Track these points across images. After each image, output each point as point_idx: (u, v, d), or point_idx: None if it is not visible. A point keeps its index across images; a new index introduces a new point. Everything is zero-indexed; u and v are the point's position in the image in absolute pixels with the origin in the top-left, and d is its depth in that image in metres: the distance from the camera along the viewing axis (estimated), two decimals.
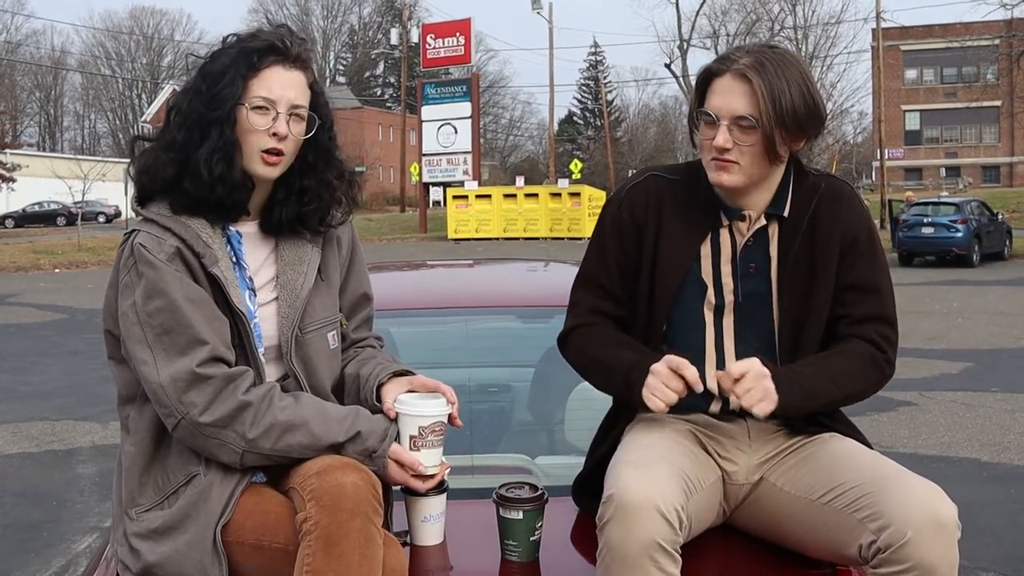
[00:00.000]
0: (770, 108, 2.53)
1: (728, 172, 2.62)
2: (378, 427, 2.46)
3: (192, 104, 2.52)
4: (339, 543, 2.21)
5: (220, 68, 2.52)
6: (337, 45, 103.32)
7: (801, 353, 2.66)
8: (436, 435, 2.52)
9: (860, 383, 2.66)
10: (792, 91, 2.54)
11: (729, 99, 2.58)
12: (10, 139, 58.67)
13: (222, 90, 2.49)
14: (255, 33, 2.59)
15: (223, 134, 2.49)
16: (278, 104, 2.53)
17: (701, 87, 2.66)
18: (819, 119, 2.63)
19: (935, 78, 75.96)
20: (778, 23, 76.32)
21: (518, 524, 2.56)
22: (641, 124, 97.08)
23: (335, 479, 2.27)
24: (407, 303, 3.99)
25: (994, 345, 14.67)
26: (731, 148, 2.58)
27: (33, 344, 16.07)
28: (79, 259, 34.77)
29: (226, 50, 2.55)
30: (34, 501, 7.49)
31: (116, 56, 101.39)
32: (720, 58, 2.65)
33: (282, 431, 2.40)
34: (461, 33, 49.35)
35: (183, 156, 2.49)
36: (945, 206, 31.80)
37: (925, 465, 7.72)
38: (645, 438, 2.61)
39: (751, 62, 2.56)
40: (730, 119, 2.57)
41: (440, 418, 2.53)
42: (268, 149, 2.52)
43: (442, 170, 47.46)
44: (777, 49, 2.64)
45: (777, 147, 2.58)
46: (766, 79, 2.54)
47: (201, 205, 2.51)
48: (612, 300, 2.78)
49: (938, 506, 2.32)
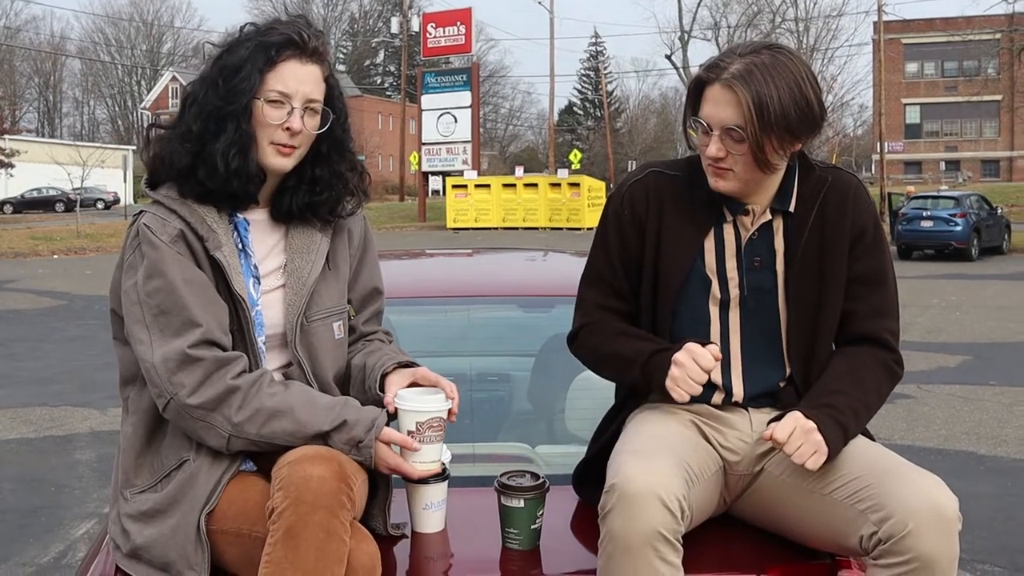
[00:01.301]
0: (755, 118, 2.51)
1: (724, 179, 2.62)
2: (365, 417, 2.45)
3: (208, 96, 2.52)
4: (298, 535, 2.20)
5: (237, 61, 2.52)
6: (337, 33, 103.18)
7: (817, 348, 2.68)
8: (434, 431, 2.52)
9: (883, 397, 2.69)
10: (781, 97, 2.51)
11: (718, 109, 2.57)
12: (9, 125, 58.60)
13: (239, 83, 2.50)
14: (272, 25, 2.58)
15: (239, 127, 2.50)
16: (293, 98, 2.53)
17: (693, 95, 2.65)
18: (813, 123, 2.59)
19: (936, 72, 75.89)
20: (779, 15, 76.20)
21: (519, 512, 2.57)
22: (641, 115, 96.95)
23: (303, 470, 2.25)
24: (407, 292, 3.99)
25: (992, 339, 14.70)
26: (724, 157, 2.58)
27: (32, 330, 16.08)
28: (78, 245, 34.76)
29: (243, 42, 2.55)
30: (32, 487, 7.49)
31: (116, 42, 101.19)
32: (710, 66, 2.62)
33: (268, 417, 2.40)
34: (462, 22, 49.28)
35: (198, 147, 2.50)
36: (944, 200, 31.83)
37: (922, 458, 7.72)
38: (647, 428, 2.62)
39: (738, 70, 2.53)
40: (720, 129, 2.57)
41: (438, 414, 2.53)
42: (281, 142, 2.53)
43: (441, 159, 47.41)
44: (774, 50, 2.60)
45: (768, 155, 2.56)
46: (752, 88, 2.51)
47: (213, 195, 2.53)
48: (618, 297, 2.78)
49: (940, 498, 2.32)
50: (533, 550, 2.58)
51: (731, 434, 2.69)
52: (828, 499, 2.49)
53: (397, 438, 2.47)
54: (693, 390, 2.56)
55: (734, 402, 2.71)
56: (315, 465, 2.27)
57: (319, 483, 2.23)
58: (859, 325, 2.70)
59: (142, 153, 2.67)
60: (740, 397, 2.71)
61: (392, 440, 2.47)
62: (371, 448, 2.42)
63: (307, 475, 2.24)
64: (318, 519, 2.21)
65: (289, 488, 2.23)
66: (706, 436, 2.69)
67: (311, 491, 2.22)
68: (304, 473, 2.24)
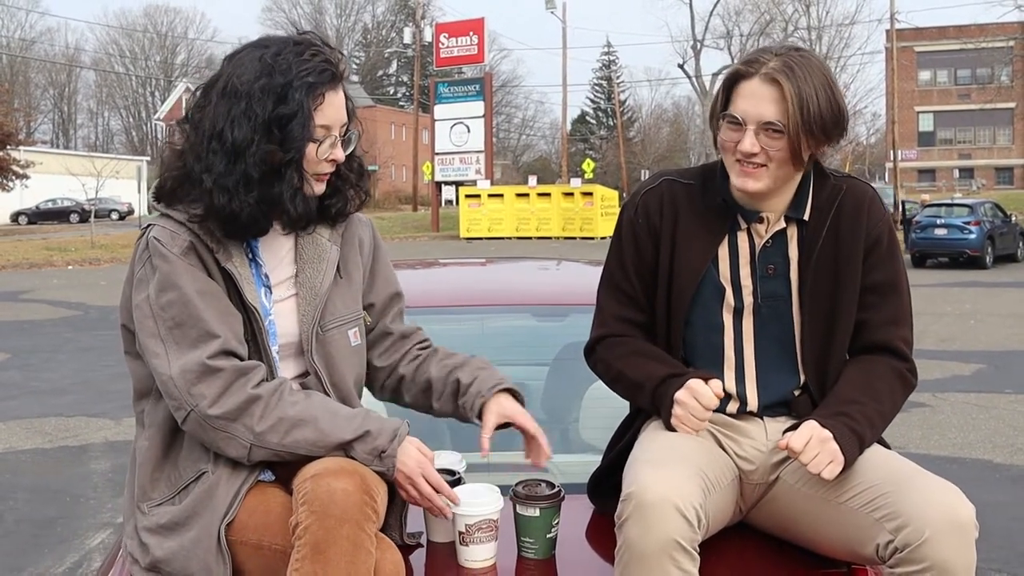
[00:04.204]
0: (798, 114, 2.51)
1: (754, 178, 2.60)
2: (388, 427, 2.45)
3: (265, 143, 2.44)
4: (327, 550, 2.20)
5: (291, 111, 2.43)
6: (350, 44, 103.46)
7: (831, 356, 2.68)
8: (484, 532, 2.52)
9: (898, 406, 2.68)
10: (819, 96, 2.52)
11: (757, 103, 2.55)
12: (24, 136, 58.79)
13: (296, 132, 2.45)
14: (304, 54, 2.48)
15: (300, 173, 2.49)
16: (333, 129, 2.52)
17: (727, 89, 2.63)
18: (843, 125, 2.60)
19: (949, 79, 75.72)
20: (792, 24, 76.21)
21: (535, 521, 2.57)
22: (654, 124, 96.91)
23: (327, 485, 2.25)
24: (421, 301, 3.98)
25: (1007, 347, 14.64)
26: (758, 152, 2.57)
27: (46, 340, 16.11)
28: (92, 256, 34.84)
29: (293, 84, 2.44)
30: (47, 497, 7.51)
31: (130, 54, 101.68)
32: (747, 60, 2.60)
33: (290, 426, 2.39)
34: (474, 32, 49.33)
35: (264, 191, 2.45)
36: (958, 208, 31.73)
37: (938, 466, 7.68)
38: (663, 437, 2.62)
39: (780, 65, 2.53)
40: (757, 124, 2.55)
41: (489, 516, 2.53)
42: (323, 172, 2.54)
43: (455, 169, 47.42)
44: (803, 52, 2.60)
45: (802, 153, 2.57)
46: (795, 84, 2.51)
47: (246, 229, 2.51)
48: (635, 306, 2.78)
49: (957, 506, 2.32)
50: (549, 559, 2.58)
51: (746, 443, 2.69)
52: (844, 507, 2.48)
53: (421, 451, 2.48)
54: (698, 427, 2.59)
55: (749, 411, 2.71)
56: (339, 479, 2.26)
57: (344, 496, 2.23)
58: (873, 334, 2.70)
59: (158, 164, 2.64)
60: (755, 406, 2.71)
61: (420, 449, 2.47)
62: (394, 458, 2.42)
63: (331, 489, 2.24)
64: (345, 533, 2.21)
65: (314, 503, 2.23)
66: (721, 445, 2.69)
67: (337, 505, 2.22)
68: (328, 487, 2.24)
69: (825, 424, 2.49)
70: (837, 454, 2.46)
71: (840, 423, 2.51)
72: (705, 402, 2.55)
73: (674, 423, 2.60)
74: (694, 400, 2.56)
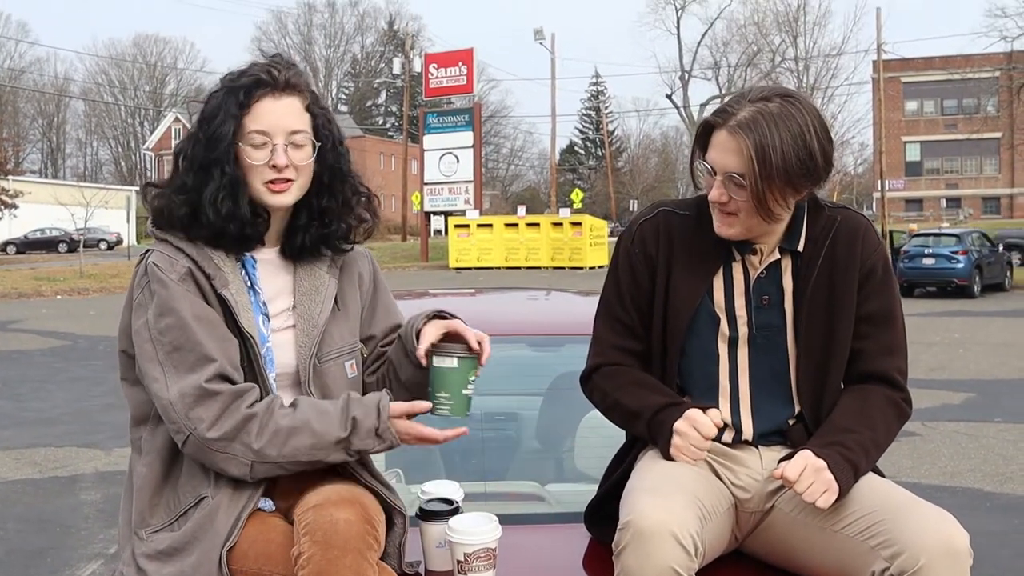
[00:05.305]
0: (757, 167, 2.53)
1: (727, 224, 2.65)
2: (369, 405, 2.45)
3: (195, 148, 2.57)
4: None
5: (212, 110, 2.57)
6: (339, 74, 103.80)
7: (826, 386, 2.70)
8: (482, 560, 2.51)
9: (892, 435, 2.70)
10: (784, 147, 2.52)
11: (723, 154, 2.59)
12: (12, 165, 58.69)
13: (216, 130, 2.54)
14: (244, 69, 2.62)
15: (224, 173, 2.53)
16: (274, 136, 2.56)
17: (702, 137, 2.67)
18: (815, 175, 2.59)
19: (935, 110, 76.15)
20: (779, 55, 76.60)
21: (452, 374, 2.51)
22: (642, 154, 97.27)
23: (329, 515, 2.27)
24: None
25: (996, 376, 14.69)
26: (727, 201, 2.61)
27: (35, 371, 16.05)
28: (81, 286, 34.76)
29: (216, 92, 2.60)
30: (38, 527, 7.47)
31: (119, 83, 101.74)
32: (719, 110, 2.64)
33: (286, 436, 2.41)
34: (463, 63, 49.49)
35: (195, 197, 2.54)
36: (946, 237, 31.91)
37: (929, 495, 7.64)
38: (659, 465, 2.63)
39: (745, 118, 2.55)
40: (723, 174, 2.59)
41: (486, 545, 2.52)
42: (271, 180, 2.56)
43: (444, 199, 47.49)
44: (785, 98, 2.59)
45: (769, 204, 2.58)
46: (755, 137, 2.52)
47: (219, 239, 2.55)
48: (631, 335, 2.80)
49: (952, 533, 2.34)
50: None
51: (742, 471, 2.71)
52: (839, 535, 2.50)
53: (405, 407, 2.47)
54: (698, 457, 2.61)
55: (744, 440, 2.73)
56: (340, 509, 2.28)
57: (346, 526, 2.25)
58: (868, 364, 2.72)
59: (144, 195, 2.71)
60: (750, 435, 2.73)
61: (402, 412, 2.47)
62: (391, 431, 2.43)
63: (334, 519, 2.26)
64: (348, 562, 2.23)
65: (316, 533, 2.25)
66: (717, 473, 2.70)
67: (339, 535, 2.24)
68: (331, 517, 2.26)
69: (820, 453, 2.51)
70: (832, 483, 2.48)
71: (835, 452, 2.53)
72: (705, 432, 2.58)
73: (673, 453, 2.61)
74: (694, 430, 2.58)
